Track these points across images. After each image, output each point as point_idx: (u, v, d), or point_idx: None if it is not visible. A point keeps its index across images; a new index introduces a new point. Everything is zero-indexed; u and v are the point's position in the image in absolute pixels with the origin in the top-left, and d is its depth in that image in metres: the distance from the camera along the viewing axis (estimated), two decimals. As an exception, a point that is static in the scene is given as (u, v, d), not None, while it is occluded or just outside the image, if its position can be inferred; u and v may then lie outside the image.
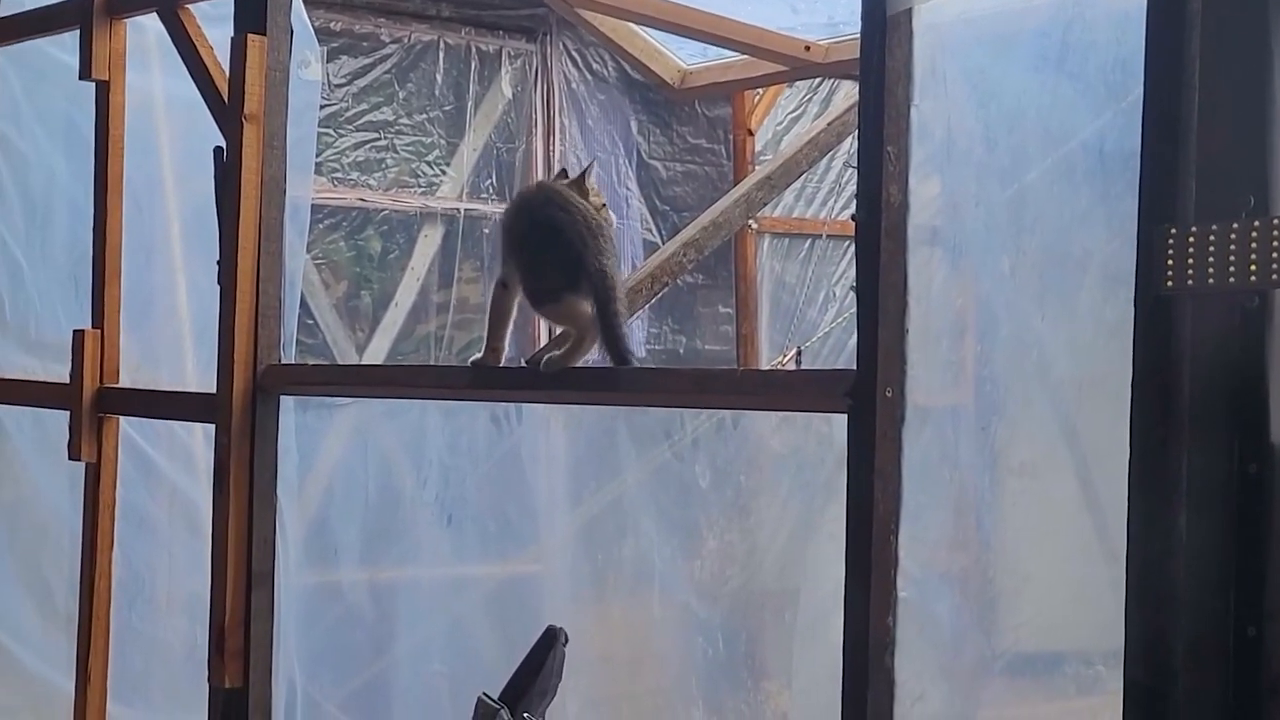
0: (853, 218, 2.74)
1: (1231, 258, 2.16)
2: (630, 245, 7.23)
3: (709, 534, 4.10)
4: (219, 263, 3.77)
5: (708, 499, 4.09)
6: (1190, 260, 2.19)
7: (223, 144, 3.79)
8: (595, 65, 7.01)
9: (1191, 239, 2.19)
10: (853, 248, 6.54)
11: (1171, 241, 2.21)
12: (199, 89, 3.88)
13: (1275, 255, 2.12)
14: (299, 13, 3.79)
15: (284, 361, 3.76)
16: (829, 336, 5.97)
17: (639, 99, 6.91)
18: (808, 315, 6.51)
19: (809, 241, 6.68)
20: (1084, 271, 2.63)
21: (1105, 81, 2.59)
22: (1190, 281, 2.20)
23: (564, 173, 3.55)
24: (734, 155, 6.52)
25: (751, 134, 6.39)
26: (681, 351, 7.12)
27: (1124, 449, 2.29)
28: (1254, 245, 2.14)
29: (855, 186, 2.74)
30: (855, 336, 2.71)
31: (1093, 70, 2.61)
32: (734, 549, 4.11)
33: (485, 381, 3.44)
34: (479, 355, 3.35)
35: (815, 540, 3.87)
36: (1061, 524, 2.73)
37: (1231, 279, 2.16)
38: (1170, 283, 2.22)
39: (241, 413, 3.68)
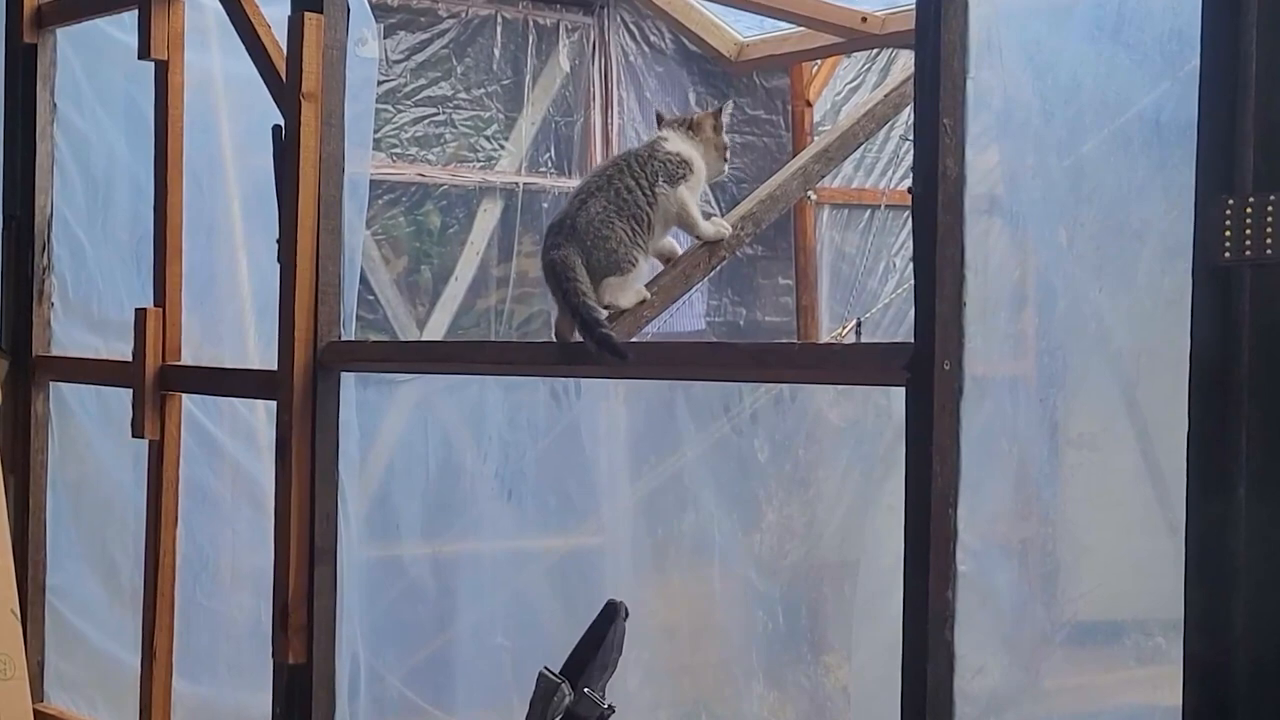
0: (909, 190, 2.73)
1: (1289, 228, 2.14)
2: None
3: (768, 507, 4.10)
4: (279, 241, 3.80)
5: (766, 472, 4.09)
6: (1248, 230, 2.18)
7: (281, 122, 3.82)
8: (653, 38, 6.99)
9: (1249, 209, 2.18)
10: (910, 215, 6.55)
11: (1229, 212, 2.20)
12: (257, 68, 3.90)
13: (1334, 225, 2.11)
14: (356, -10, 3.81)
15: (344, 338, 3.79)
16: (890, 307, 5.95)
17: (697, 71, 6.89)
18: (868, 286, 6.49)
19: (868, 212, 6.65)
20: (1141, 242, 2.62)
21: (1161, 51, 2.56)
22: (1248, 252, 2.18)
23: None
24: (793, 126, 6.50)
25: (810, 105, 6.37)
26: (741, 324, 7.10)
27: (1184, 420, 2.28)
28: (1312, 215, 2.13)
29: (912, 158, 2.72)
30: (914, 308, 2.70)
31: (1149, 40, 2.59)
32: (793, 522, 4.11)
33: (543, 357, 3.45)
34: None
35: (874, 513, 3.86)
36: (1121, 495, 2.71)
37: (1289, 250, 2.15)
38: (1228, 253, 2.21)
39: (302, 389, 3.71)
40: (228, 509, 4.42)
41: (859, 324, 5.52)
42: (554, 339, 3.43)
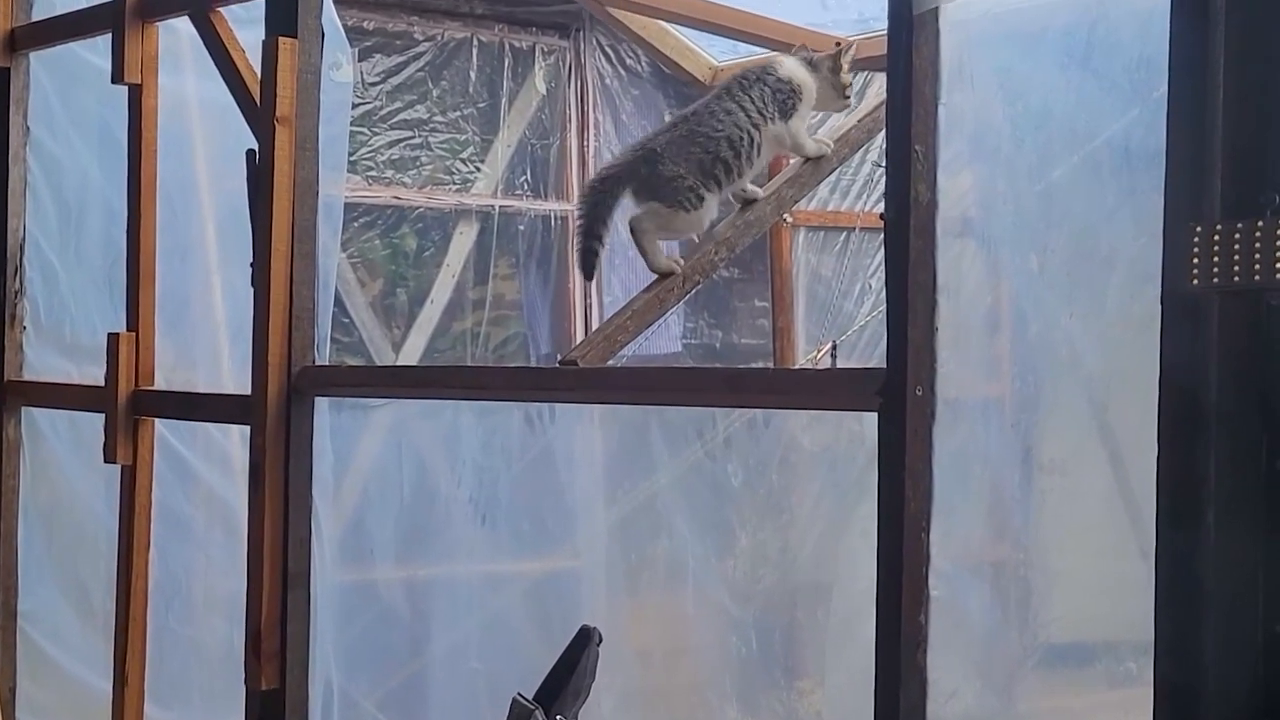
0: (881, 216, 2.74)
1: (1257, 255, 2.16)
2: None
3: (741, 532, 4.11)
4: (252, 265, 3.80)
5: (740, 497, 4.10)
6: (1216, 258, 2.19)
7: (255, 147, 3.82)
8: (629, 60, 7.01)
9: (1217, 236, 2.19)
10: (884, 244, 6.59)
11: (1197, 239, 2.21)
12: (231, 92, 3.90)
13: (1299, 253, 2.12)
14: (330, 15, 3.81)
15: (319, 363, 3.79)
16: (865, 329, 5.95)
17: (673, 94, 6.91)
18: (844, 308, 6.50)
19: (844, 235, 6.67)
20: (1111, 268, 2.63)
21: (1130, 79, 2.59)
22: (1216, 279, 2.19)
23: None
24: (768, 147, 6.50)
25: (784, 129, 6.38)
26: (718, 346, 7.11)
27: (1154, 445, 2.29)
28: (1278, 243, 2.14)
29: (885, 183, 2.73)
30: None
31: (1118, 68, 2.61)
32: (767, 547, 4.12)
33: (518, 382, 3.46)
34: None
35: (848, 538, 3.88)
36: (1093, 519, 2.73)
37: (1257, 276, 2.16)
38: (1196, 280, 2.22)
39: (276, 414, 3.71)
40: (200, 534, 4.40)
41: (834, 346, 5.52)
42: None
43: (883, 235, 2.73)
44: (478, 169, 6.84)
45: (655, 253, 3.57)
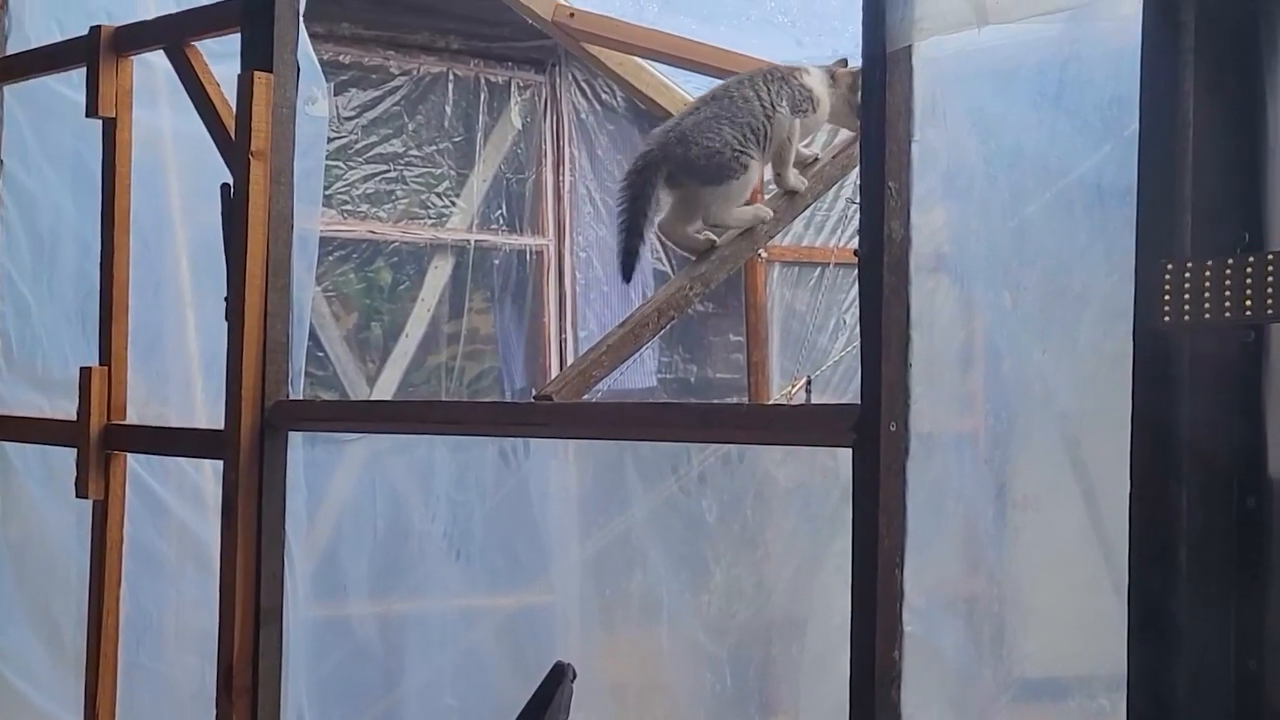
0: (855, 252, 2.75)
1: (1227, 293, 2.17)
2: (640, 275, 7.23)
3: (716, 567, 4.11)
4: (227, 299, 3.79)
5: (714, 533, 4.10)
6: (1187, 295, 2.20)
7: (230, 180, 3.82)
8: (604, 96, 7.03)
9: (1188, 274, 2.20)
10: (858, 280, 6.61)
11: (1168, 277, 2.22)
12: (206, 126, 3.90)
13: (1270, 290, 2.13)
14: (306, 49, 3.81)
15: (293, 397, 3.78)
16: (840, 364, 5.97)
17: (648, 129, 6.91)
18: (818, 343, 6.51)
19: (818, 270, 6.69)
20: (1084, 305, 2.65)
21: (1102, 118, 2.60)
22: (1187, 316, 2.20)
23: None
24: (743, 184, 6.52)
25: (758, 164, 6.40)
26: (693, 380, 7.12)
27: (1127, 481, 2.30)
28: (1249, 280, 2.15)
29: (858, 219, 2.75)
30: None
31: (1090, 106, 2.63)
32: (741, 583, 4.12)
33: (493, 417, 3.46)
34: None
35: (822, 574, 3.88)
36: (1067, 555, 2.73)
37: (1227, 314, 2.17)
38: (1167, 317, 2.23)
39: (249, 449, 3.69)
40: (172, 569, 4.38)
41: (809, 381, 5.53)
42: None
43: (857, 271, 2.74)
44: (453, 203, 6.85)
45: (739, 218, 3.67)
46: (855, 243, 2.70)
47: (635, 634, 4.14)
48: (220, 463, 3.80)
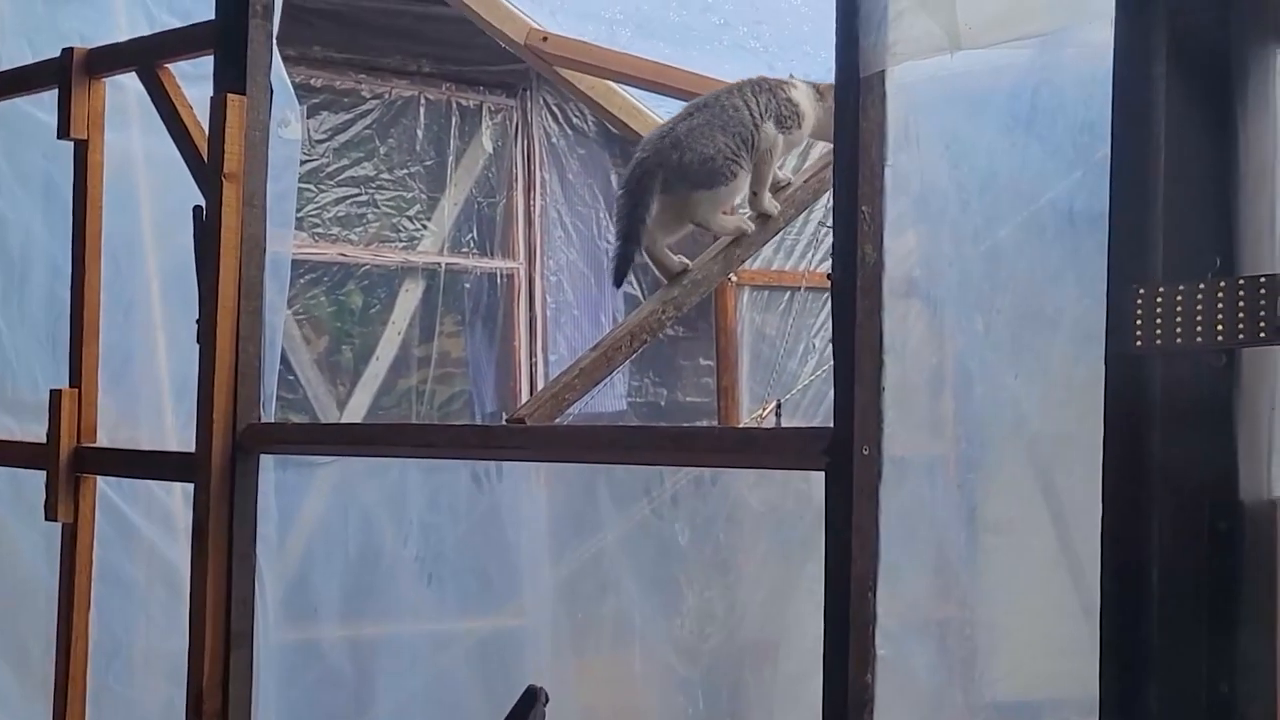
0: (828, 276, 2.76)
1: (1198, 317, 2.18)
2: (611, 298, 7.25)
3: (688, 591, 4.11)
4: (198, 321, 3.78)
5: (687, 556, 4.10)
6: (1158, 320, 2.22)
7: (202, 203, 3.81)
8: (575, 120, 7.04)
9: (1159, 299, 2.21)
10: (829, 300, 6.64)
11: (1140, 301, 2.23)
12: (178, 148, 3.89)
13: (1241, 315, 2.14)
14: (279, 72, 3.81)
15: (264, 420, 3.77)
16: (809, 388, 5.98)
17: (619, 153, 6.94)
18: (788, 367, 6.53)
19: (788, 294, 6.70)
20: (1056, 329, 2.66)
21: (1074, 143, 2.62)
22: (1158, 341, 2.22)
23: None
24: (715, 206, 6.53)
25: (730, 189, 6.41)
26: (663, 404, 7.12)
27: (1098, 505, 2.31)
28: (1220, 305, 2.16)
29: (831, 243, 2.76)
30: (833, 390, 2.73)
31: (1061, 132, 2.65)
32: (713, 606, 4.12)
33: (465, 440, 3.45)
34: None
35: (794, 597, 3.88)
36: (1039, 579, 2.74)
37: (1199, 338, 2.18)
38: (1139, 342, 2.24)
39: (220, 472, 3.68)
40: (142, 593, 4.36)
41: (779, 405, 5.53)
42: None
43: (827, 295, 2.75)
44: (424, 226, 6.85)
45: (724, 224, 3.69)
46: (826, 266, 2.71)
47: (608, 657, 4.13)
48: (191, 486, 3.79)
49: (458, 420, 6.92)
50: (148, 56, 3.95)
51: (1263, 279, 2.14)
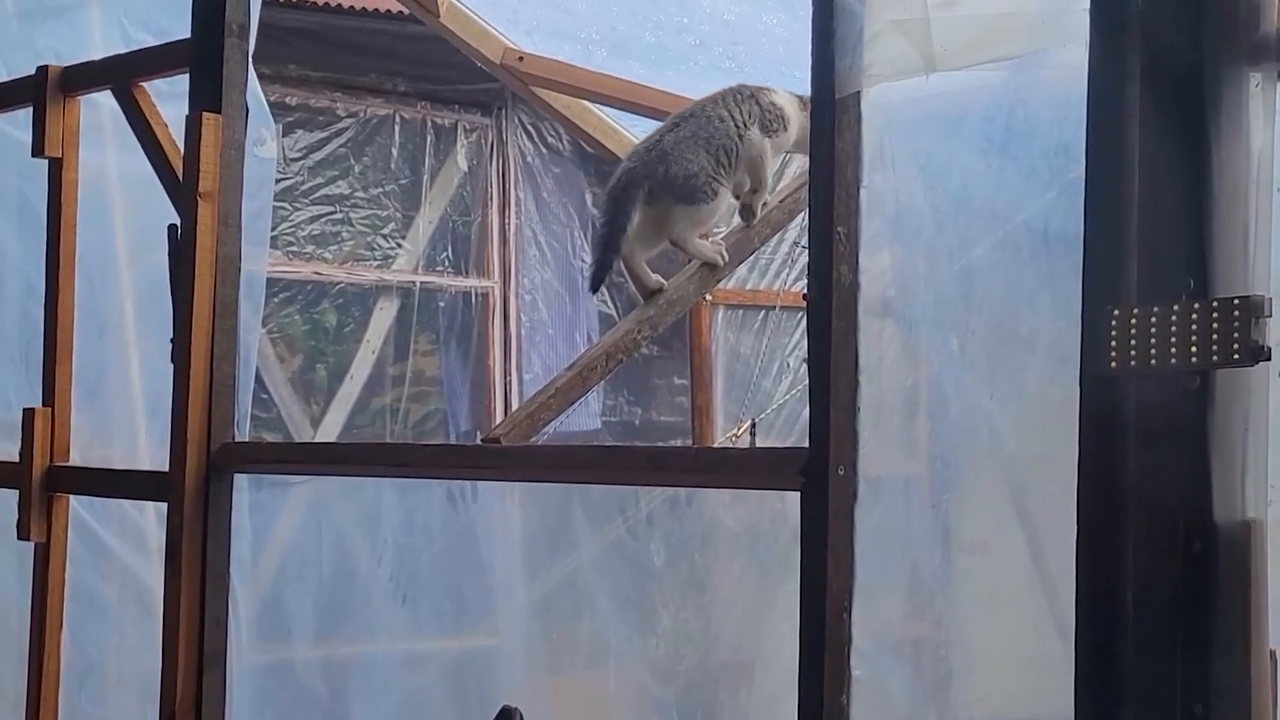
0: (804, 296, 2.77)
1: (1173, 339, 2.19)
2: (586, 318, 7.26)
3: (664, 611, 4.10)
4: (173, 340, 3.77)
5: (662, 576, 4.09)
6: (1133, 341, 2.23)
7: (177, 221, 3.80)
8: (550, 139, 7.06)
9: (1134, 320, 2.23)
10: (803, 319, 6.67)
11: (1114, 323, 2.24)
12: (153, 166, 3.88)
13: (1215, 337, 2.16)
14: (255, 91, 3.80)
15: (238, 439, 3.76)
16: (783, 408, 5.99)
17: (594, 172, 6.96)
18: (762, 386, 6.55)
19: (762, 313, 6.71)
20: (1031, 350, 2.67)
21: (1049, 165, 2.63)
22: (1133, 362, 2.23)
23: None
24: (689, 226, 6.54)
25: (701, 207, 6.41)
26: (637, 423, 7.14)
27: (1073, 526, 2.31)
28: (1194, 327, 2.18)
29: (807, 263, 2.77)
30: (808, 409, 2.74)
31: (1036, 154, 2.66)
32: (689, 626, 4.11)
33: (442, 459, 3.45)
34: None
35: (770, 617, 3.87)
36: (1013, 600, 2.74)
37: (1173, 360, 2.20)
38: (1114, 363, 2.25)
39: (194, 492, 3.67)
40: (115, 613, 4.34)
41: (754, 424, 5.54)
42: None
43: (802, 314, 2.76)
44: (399, 245, 6.85)
45: (700, 248, 3.73)
46: (801, 286, 2.72)
47: (582, 678, 4.12)
48: (164, 505, 3.77)
49: (432, 439, 6.91)
50: (123, 74, 3.94)
51: (1236, 300, 2.15)
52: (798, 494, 2.73)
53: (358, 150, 6.76)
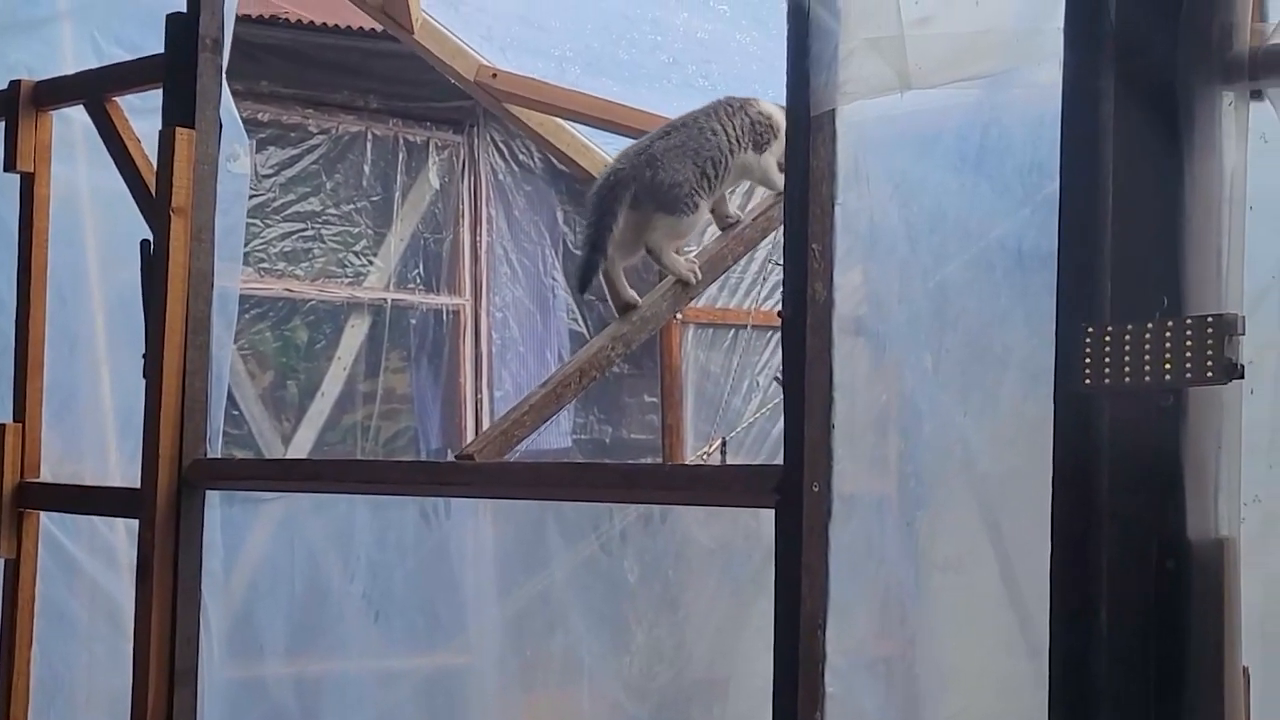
0: (779, 314, 2.77)
1: (1147, 357, 2.20)
2: (556, 335, 7.26)
3: (637, 628, 4.09)
4: (145, 356, 3.75)
5: (636, 593, 4.08)
6: (1107, 359, 2.24)
7: (149, 236, 3.78)
8: (521, 156, 7.05)
9: (1108, 338, 2.23)
10: (776, 337, 6.69)
11: (1089, 340, 2.25)
12: (126, 181, 3.87)
13: (1189, 355, 2.17)
14: (228, 106, 3.80)
15: (210, 455, 3.74)
16: (752, 426, 5.99)
17: (565, 190, 6.97)
18: (732, 404, 6.56)
19: (732, 332, 6.72)
20: (1004, 368, 2.67)
21: (1022, 183, 2.64)
22: (1107, 380, 2.24)
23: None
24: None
25: (673, 226, 6.42)
26: (608, 441, 7.13)
27: (1046, 544, 2.32)
28: (1168, 345, 2.19)
29: (780, 280, 2.77)
30: (778, 426, 2.74)
31: (1010, 171, 2.67)
32: (662, 644, 4.10)
33: (416, 476, 3.44)
34: None
35: (744, 635, 3.87)
36: (986, 618, 2.74)
37: (1147, 377, 2.20)
38: (1089, 380, 2.25)
39: (166, 508, 3.65)
40: (85, 630, 4.32)
41: (724, 443, 5.55)
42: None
43: (771, 333, 2.76)
44: (370, 262, 6.84)
45: (675, 263, 3.75)
46: (772, 305, 2.72)
47: (555, 695, 4.11)
48: (133, 521, 3.76)
49: (403, 456, 6.89)
50: (96, 89, 3.93)
51: (1210, 319, 2.16)
52: (772, 511, 2.73)
53: (329, 167, 6.75)
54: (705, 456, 5.42)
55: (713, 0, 4.63)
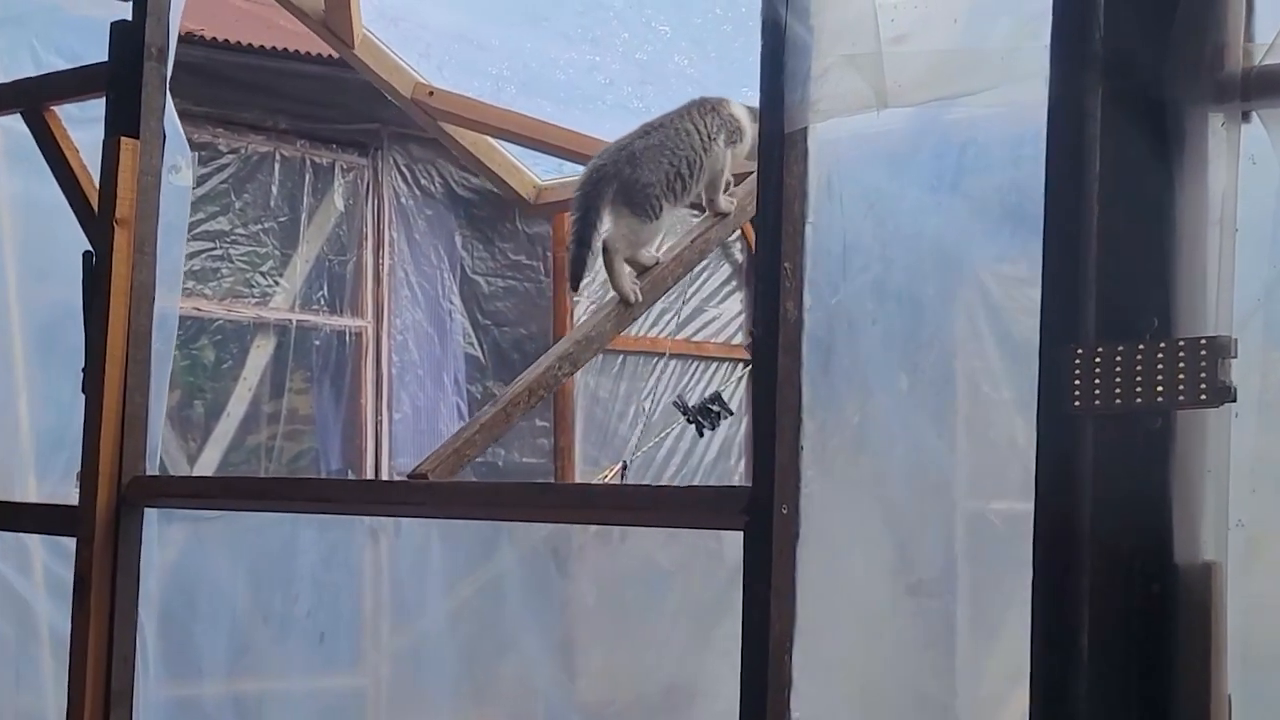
0: (750, 334, 2.75)
1: (1138, 379, 2.19)
2: (454, 359, 7.23)
3: (595, 651, 4.04)
4: (84, 370, 3.66)
5: (593, 615, 4.04)
6: (1097, 380, 2.22)
7: (80, 250, 3.69)
8: (423, 180, 7.04)
9: (1098, 359, 2.22)
10: (659, 364, 6.74)
11: (1078, 361, 2.23)
12: (64, 192, 3.78)
13: (1181, 377, 2.16)
14: (171, 117, 3.73)
15: (150, 473, 3.66)
16: (637, 451, 6.02)
17: (463, 214, 6.98)
18: (619, 430, 6.59)
19: (620, 358, 6.76)
20: (978, 389, 2.66)
21: (1000, 203, 2.63)
22: (1096, 401, 2.22)
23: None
24: (553, 272, 6.58)
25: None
26: (501, 464, 7.12)
27: (1021, 568, 2.30)
28: (1160, 367, 2.17)
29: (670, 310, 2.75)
30: (661, 450, 2.71)
31: (989, 190, 2.66)
32: (619, 668, 4.05)
33: (367, 495, 3.38)
34: None
35: (706, 658, 3.83)
36: (957, 642, 2.73)
37: (1138, 399, 2.19)
38: (1077, 402, 2.24)
39: (105, 526, 3.57)
40: (12, 650, 4.21)
41: (625, 466, 5.54)
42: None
43: (657, 359, 2.74)
44: (277, 283, 6.79)
45: (620, 276, 3.74)
46: (657, 331, 2.71)
47: (508, 717, 4.05)
48: (62, 539, 3.67)
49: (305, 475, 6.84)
50: (35, 98, 3.84)
51: (1203, 340, 2.16)
52: (736, 533, 2.70)
53: (239, 186, 6.70)
54: (606, 480, 5.40)
55: (654, 20, 4.62)
